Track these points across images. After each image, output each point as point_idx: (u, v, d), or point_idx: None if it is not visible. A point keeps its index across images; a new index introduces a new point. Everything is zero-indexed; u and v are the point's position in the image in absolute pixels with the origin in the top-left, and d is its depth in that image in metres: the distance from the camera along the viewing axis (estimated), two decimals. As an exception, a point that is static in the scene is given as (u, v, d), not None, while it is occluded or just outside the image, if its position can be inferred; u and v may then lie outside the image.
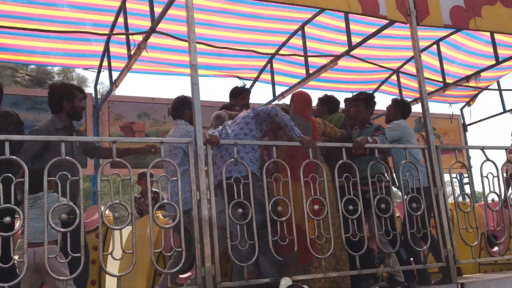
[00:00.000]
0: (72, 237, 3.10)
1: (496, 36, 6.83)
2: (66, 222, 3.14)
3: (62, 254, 3.16)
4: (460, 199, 5.94)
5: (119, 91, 6.79)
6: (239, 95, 5.40)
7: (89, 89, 38.04)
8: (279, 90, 7.52)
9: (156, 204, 3.46)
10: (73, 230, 3.08)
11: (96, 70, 6.67)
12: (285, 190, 3.84)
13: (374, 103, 4.88)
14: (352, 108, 4.95)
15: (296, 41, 6.77)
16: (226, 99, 5.55)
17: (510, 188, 5.20)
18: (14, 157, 3.04)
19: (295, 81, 7.37)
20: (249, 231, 3.62)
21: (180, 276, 4.54)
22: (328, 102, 5.18)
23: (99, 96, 7.65)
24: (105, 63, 6.43)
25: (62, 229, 3.07)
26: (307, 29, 6.57)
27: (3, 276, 3.12)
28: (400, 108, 4.98)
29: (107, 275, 3.79)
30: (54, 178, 3.12)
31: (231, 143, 3.85)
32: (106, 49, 6.26)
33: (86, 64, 6.83)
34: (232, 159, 3.74)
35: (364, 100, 4.80)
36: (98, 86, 7.76)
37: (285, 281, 3.58)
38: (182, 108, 4.41)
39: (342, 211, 3.93)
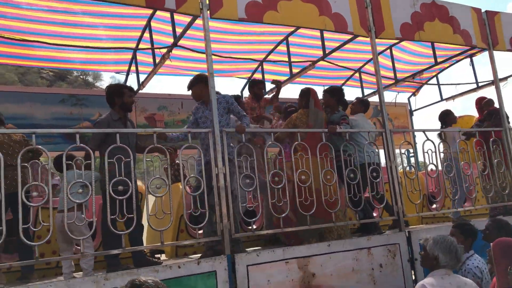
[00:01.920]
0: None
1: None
2: (122, 191, 3.33)
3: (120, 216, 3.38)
4: (408, 169, 6.28)
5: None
6: (255, 86, 5.69)
7: (103, 83, 36.97)
8: (268, 86, 7.64)
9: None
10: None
11: (125, 74, 6.76)
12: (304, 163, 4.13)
13: (338, 93, 5.06)
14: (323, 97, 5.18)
15: (282, 47, 6.83)
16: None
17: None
18: (83, 145, 3.29)
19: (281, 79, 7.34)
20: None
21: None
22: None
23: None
24: (132, 67, 6.51)
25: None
26: (290, 38, 6.62)
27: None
28: (362, 105, 5.41)
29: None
30: (113, 160, 3.35)
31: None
32: (134, 57, 6.36)
33: (116, 69, 6.85)
34: (242, 143, 3.94)
35: (329, 91, 5.06)
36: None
37: None
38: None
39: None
